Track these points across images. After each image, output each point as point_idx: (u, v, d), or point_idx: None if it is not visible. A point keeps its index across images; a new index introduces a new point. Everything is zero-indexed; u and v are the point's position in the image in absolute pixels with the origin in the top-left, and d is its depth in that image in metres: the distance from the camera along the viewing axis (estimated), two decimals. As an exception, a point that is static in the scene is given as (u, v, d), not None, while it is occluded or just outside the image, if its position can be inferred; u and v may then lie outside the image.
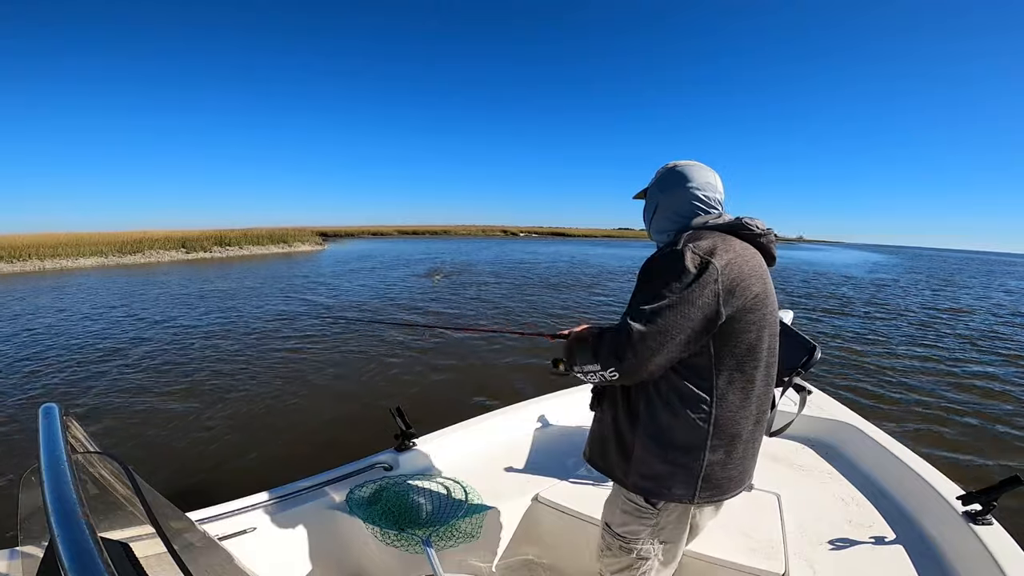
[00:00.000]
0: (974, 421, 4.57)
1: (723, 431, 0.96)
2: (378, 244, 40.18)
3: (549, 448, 2.05)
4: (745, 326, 0.93)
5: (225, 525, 1.38)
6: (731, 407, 0.96)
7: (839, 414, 2.17)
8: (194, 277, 15.27)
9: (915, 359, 6.81)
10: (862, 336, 8.25)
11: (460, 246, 39.40)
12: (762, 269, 0.98)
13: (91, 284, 13.52)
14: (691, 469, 0.97)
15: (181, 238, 24.98)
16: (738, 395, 0.96)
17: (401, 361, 6.02)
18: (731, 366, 0.95)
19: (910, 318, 10.40)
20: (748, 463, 1.04)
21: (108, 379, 5.28)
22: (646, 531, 1.05)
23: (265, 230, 31.18)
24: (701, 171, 1.09)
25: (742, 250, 0.96)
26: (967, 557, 1.31)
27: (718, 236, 0.96)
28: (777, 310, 1.02)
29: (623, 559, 1.08)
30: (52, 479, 0.55)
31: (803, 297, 13.58)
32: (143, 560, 0.62)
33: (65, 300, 10.53)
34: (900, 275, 24.49)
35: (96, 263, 19.82)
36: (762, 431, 1.06)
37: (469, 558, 1.60)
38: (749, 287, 0.93)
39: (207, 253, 24.19)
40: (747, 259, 0.95)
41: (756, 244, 1.01)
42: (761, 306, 0.95)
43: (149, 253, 22.40)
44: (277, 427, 4.12)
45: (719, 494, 1.00)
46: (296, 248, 30.05)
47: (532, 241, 58.59)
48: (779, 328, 1.05)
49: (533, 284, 14.38)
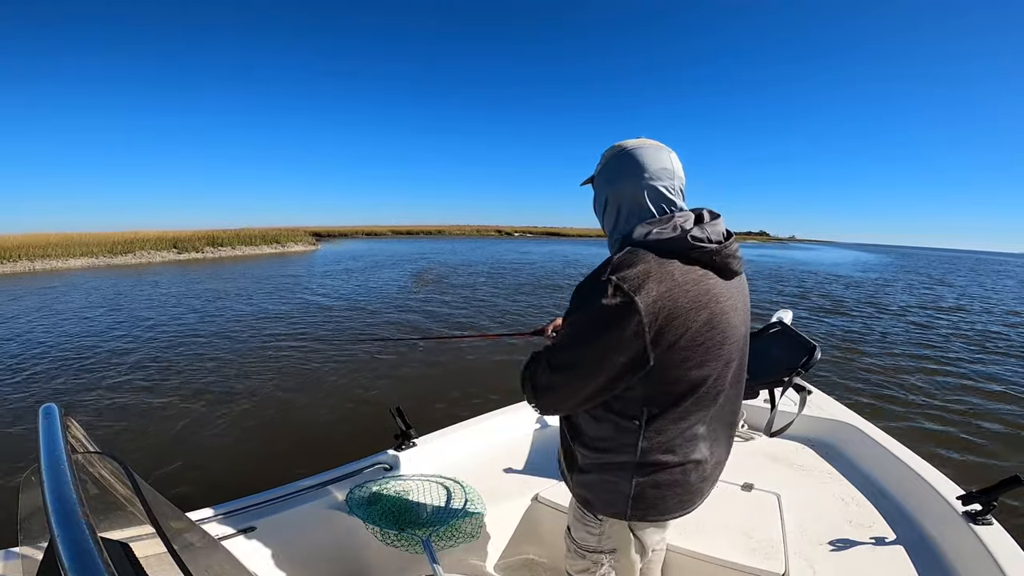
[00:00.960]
0: (974, 420, 4.58)
1: (653, 460, 0.89)
2: (372, 244, 40.09)
3: (549, 448, 2.05)
4: (683, 364, 0.82)
5: (225, 525, 1.38)
6: (664, 437, 0.88)
7: (839, 414, 2.17)
8: (186, 278, 15.29)
9: (912, 357, 6.82)
10: (856, 334, 8.26)
11: (454, 246, 39.44)
12: (709, 297, 0.82)
13: (82, 285, 13.49)
14: (620, 486, 0.92)
15: (173, 238, 24.82)
16: (673, 427, 0.87)
17: (401, 361, 6.02)
18: (665, 404, 0.85)
19: (904, 316, 10.41)
20: (697, 487, 0.95)
21: (107, 379, 5.29)
22: (594, 539, 1.06)
23: (258, 230, 31.03)
24: (655, 154, 0.89)
25: (683, 277, 0.80)
26: (967, 557, 1.31)
27: (653, 262, 0.79)
28: (739, 332, 0.90)
29: (580, 563, 1.11)
30: (52, 479, 0.55)
31: (797, 297, 13.62)
32: (143, 560, 0.62)
33: (56, 301, 10.52)
34: (894, 274, 24.67)
35: (86, 264, 19.75)
36: (719, 457, 0.99)
37: (469, 558, 1.60)
38: (687, 323, 0.79)
39: (199, 254, 24.11)
40: (687, 289, 0.79)
41: (710, 264, 0.84)
42: (706, 340, 0.82)
43: (140, 254, 22.31)
44: (277, 427, 4.12)
45: (655, 515, 0.94)
46: (289, 249, 29.95)
47: (526, 241, 58.50)
48: (743, 352, 0.95)
49: (520, 284, 14.39)
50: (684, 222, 0.86)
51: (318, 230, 50.55)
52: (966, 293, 16.27)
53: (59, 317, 8.64)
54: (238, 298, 10.80)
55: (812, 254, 54.61)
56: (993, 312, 11.96)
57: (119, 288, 12.77)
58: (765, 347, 2.08)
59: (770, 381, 1.85)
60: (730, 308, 0.87)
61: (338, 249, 32.65)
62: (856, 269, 27.67)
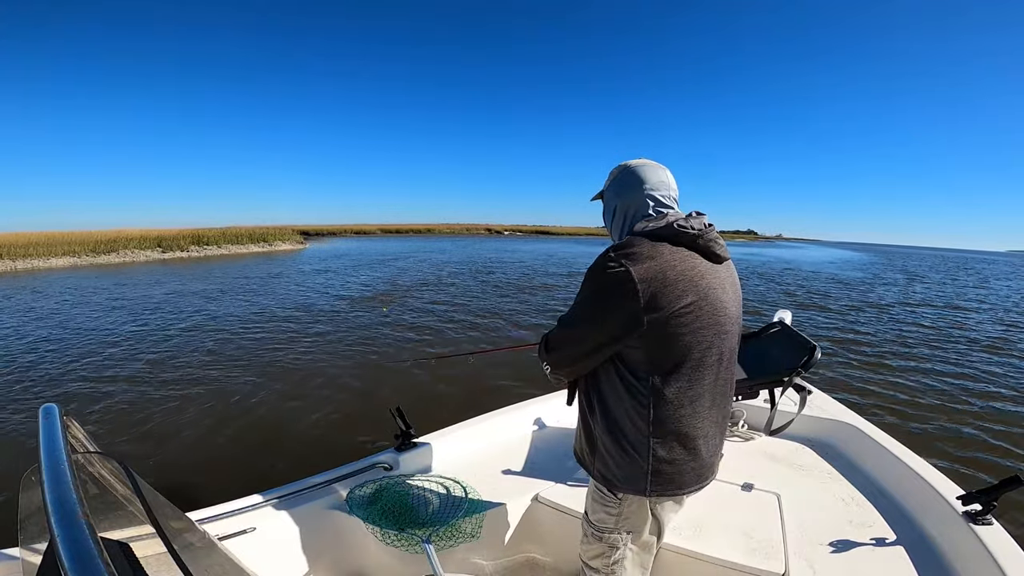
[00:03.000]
0: (974, 420, 4.57)
1: (666, 429, 0.99)
2: (360, 243, 39.68)
3: (549, 448, 2.05)
4: (677, 329, 0.94)
5: (225, 525, 1.38)
6: (672, 406, 0.98)
7: (839, 414, 2.17)
8: (173, 276, 15.16)
9: (904, 357, 6.82)
10: (849, 333, 8.27)
11: (442, 245, 39.31)
12: (695, 272, 0.96)
13: (65, 284, 13.36)
14: (639, 463, 1.01)
15: (157, 237, 24.37)
16: (681, 395, 0.98)
17: (400, 360, 6.02)
18: (668, 368, 0.97)
19: (897, 313, 10.42)
20: (706, 462, 1.05)
21: (106, 380, 5.28)
22: (612, 520, 1.10)
23: (245, 229, 30.56)
24: (654, 170, 1.10)
25: (671, 255, 0.96)
26: (967, 557, 1.31)
27: (647, 244, 0.97)
28: (730, 310, 1.02)
29: (596, 546, 1.15)
30: (52, 479, 0.55)
31: (783, 295, 13.67)
32: (143, 560, 0.62)
33: (38, 301, 10.48)
34: (877, 272, 24.77)
35: (68, 263, 19.37)
36: (722, 431, 1.10)
37: (469, 558, 1.60)
38: (677, 293, 0.93)
39: (184, 252, 23.66)
40: (674, 264, 0.95)
41: (694, 246, 1.00)
42: (696, 309, 0.95)
43: (124, 253, 21.86)
44: (276, 427, 4.12)
45: (672, 489, 1.03)
46: (277, 247, 29.52)
47: (515, 240, 58.22)
48: (735, 328, 1.05)
49: (502, 285, 14.39)
50: (674, 219, 1.03)
51: (306, 228, 49.82)
52: (944, 291, 16.40)
53: (42, 317, 8.64)
54: (233, 297, 10.80)
55: (798, 252, 55.28)
56: (992, 311, 11.97)
57: (103, 286, 12.63)
58: (765, 347, 2.08)
59: (770, 381, 1.85)
60: (717, 285, 1.00)
61: (326, 248, 32.31)
62: (844, 267, 28.01)
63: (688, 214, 1.07)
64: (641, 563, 1.15)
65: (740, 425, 2.18)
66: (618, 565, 1.12)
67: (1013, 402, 5.15)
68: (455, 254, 27.49)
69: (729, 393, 1.09)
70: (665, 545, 1.39)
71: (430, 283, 13.85)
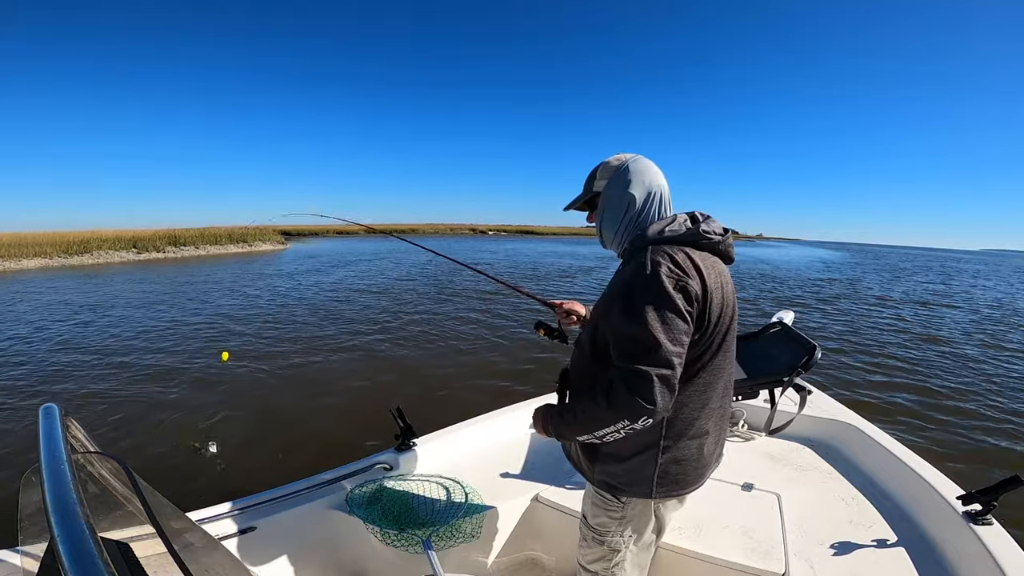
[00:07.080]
0: (973, 420, 4.57)
1: (677, 431, 0.99)
2: (342, 243, 38.95)
3: (549, 448, 2.05)
4: (710, 339, 0.95)
5: (225, 525, 1.38)
6: (687, 408, 0.98)
7: (839, 414, 2.17)
8: (157, 277, 14.96)
9: (904, 358, 6.82)
10: (844, 332, 8.26)
11: (426, 244, 38.91)
12: (723, 278, 0.98)
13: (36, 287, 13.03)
14: (647, 467, 1.01)
15: (132, 238, 23.75)
16: (695, 397, 0.99)
17: (400, 360, 6.02)
18: (692, 371, 0.96)
19: (896, 312, 10.42)
20: (708, 460, 1.06)
21: (104, 380, 5.28)
22: (614, 523, 1.09)
23: (224, 229, 29.57)
24: (652, 167, 1.07)
25: (709, 264, 0.95)
26: (967, 557, 1.31)
27: (680, 253, 0.93)
28: (735, 311, 1.02)
29: (596, 550, 1.13)
30: (52, 479, 0.55)
31: (767, 291, 13.68)
32: (143, 560, 0.62)
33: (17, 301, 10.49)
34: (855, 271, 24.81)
35: (40, 265, 18.89)
36: (725, 426, 1.11)
37: (469, 558, 1.60)
38: (713, 302, 0.93)
39: (160, 253, 23.04)
40: (709, 273, 0.94)
41: (715, 251, 1.00)
42: (722, 315, 0.96)
43: (98, 254, 21.28)
44: (276, 427, 4.11)
45: (677, 489, 1.04)
46: (257, 248, 28.82)
47: (500, 239, 58.00)
48: (734, 327, 1.04)
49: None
50: (686, 221, 1.02)
51: (287, 229, 49.04)
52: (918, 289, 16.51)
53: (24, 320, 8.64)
54: (228, 296, 10.79)
55: (780, 251, 56.01)
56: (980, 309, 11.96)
57: (81, 288, 12.43)
58: (765, 347, 2.08)
59: (770, 381, 1.85)
60: (733, 288, 1.03)
61: (308, 248, 31.79)
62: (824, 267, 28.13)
63: (694, 216, 1.04)
64: (640, 563, 1.15)
65: (740, 425, 2.18)
66: (618, 567, 1.11)
67: (1013, 401, 5.15)
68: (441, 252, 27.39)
69: (731, 388, 1.09)
70: (665, 545, 1.39)
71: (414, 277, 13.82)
